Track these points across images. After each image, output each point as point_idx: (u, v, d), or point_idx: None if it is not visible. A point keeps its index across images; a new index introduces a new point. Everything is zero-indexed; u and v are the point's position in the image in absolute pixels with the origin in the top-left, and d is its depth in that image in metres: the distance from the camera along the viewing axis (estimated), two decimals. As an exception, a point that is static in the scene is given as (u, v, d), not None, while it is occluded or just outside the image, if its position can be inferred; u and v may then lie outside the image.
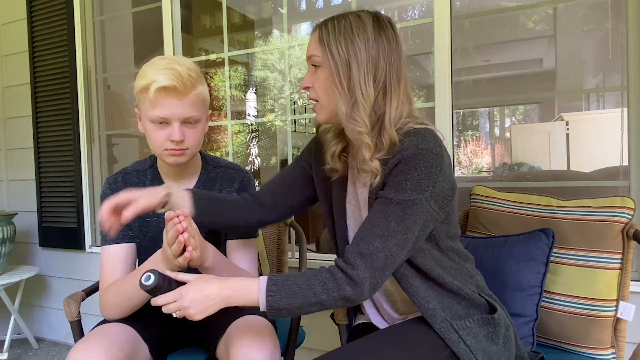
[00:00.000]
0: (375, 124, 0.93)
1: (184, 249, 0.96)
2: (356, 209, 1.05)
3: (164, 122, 1.08)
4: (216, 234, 1.23)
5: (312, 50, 0.95)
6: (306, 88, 0.98)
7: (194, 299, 0.84)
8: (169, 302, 0.86)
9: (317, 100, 0.97)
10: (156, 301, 0.87)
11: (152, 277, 0.85)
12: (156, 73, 1.04)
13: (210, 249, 1.05)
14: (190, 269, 1.04)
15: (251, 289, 0.86)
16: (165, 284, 0.87)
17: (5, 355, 2.39)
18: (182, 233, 0.93)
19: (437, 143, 0.89)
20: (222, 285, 0.86)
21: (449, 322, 0.93)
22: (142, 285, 0.86)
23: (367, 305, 1.13)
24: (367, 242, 0.87)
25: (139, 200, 0.96)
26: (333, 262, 0.92)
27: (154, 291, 0.87)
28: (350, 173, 1.06)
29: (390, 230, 0.87)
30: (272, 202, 1.13)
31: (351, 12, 0.95)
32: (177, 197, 1.02)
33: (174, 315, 0.87)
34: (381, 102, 0.93)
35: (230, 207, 1.11)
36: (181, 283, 0.88)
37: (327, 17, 0.98)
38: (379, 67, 0.91)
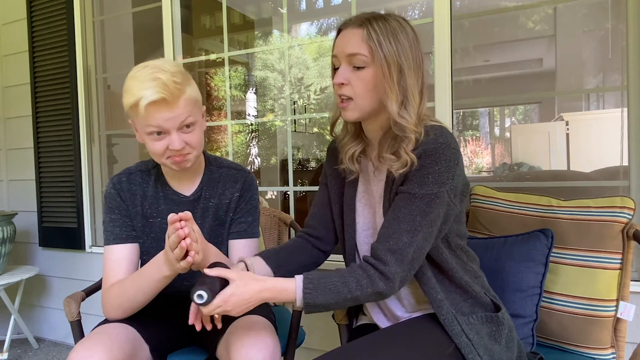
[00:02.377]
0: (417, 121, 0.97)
1: (186, 253, 0.96)
2: (366, 207, 1.08)
3: (161, 132, 1.07)
4: (218, 234, 1.23)
5: (355, 49, 0.94)
6: (341, 85, 0.97)
7: (236, 304, 0.88)
8: (216, 307, 0.87)
9: (350, 98, 0.97)
10: (206, 310, 0.88)
11: (205, 296, 0.86)
12: (142, 88, 1.01)
13: (213, 250, 1.05)
14: (192, 271, 1.04)
15: (288, 289, 0.89)
16: (212, 292, 0.88)
17: (5, 355, 2.39)
18: (184, 238, 0.93)
19: (453, 139, 0.94)
20: (261, 287, 0.89)
21: (453, 314, 0.95)
22: (195, 302, 0.87)
23: (371, 305, 1.14)
24: (396, 239, 0.90)
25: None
26: (333, 264, 0.93)
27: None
28: (362, 172, 1.09)
29: (417, 224, 0.90)
30: (325, 230, 1.18)
31: (389, 15, 0.97)
32: (250, 262, 1.05)
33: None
34: (419, 102, 0.96)
35: (294, 252, 1.15)
36: (224, 281, 0.90)
37: (361, 15, 0.98)
38: (420, 72, 0.96)
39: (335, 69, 1.01)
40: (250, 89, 7.04)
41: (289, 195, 2.13)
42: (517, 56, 6.04)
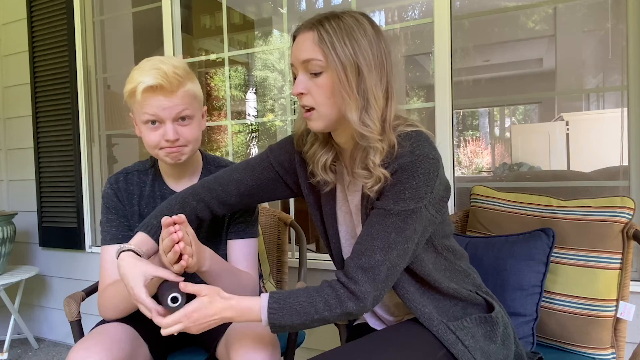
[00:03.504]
0: (382, 128, 0.89)
1: (180, 256, 0.95)
2: (347, 215, 1.03)
3: (157, 121, 1.07)
4: (216, 234, 1.23)
5: (309, 54, 0.87)
6: (300, 95, 0.90)
7: (198, 320, 0.85)
8: (176, 321, 0.85)
9: (312, 108, 0.90)
10: (162, 322, 0.86)
11: (180, 298, 0.86)
12: (142, 75, 1.04)
13: (207, 253, 1.04)
14: (187, 274, 1.03)
15: (253, 309, 0.86)
16: (185, 298, 0.88)
17: (5, 355, 2.39)
18: (177, 242, 0.91)
19: (432, 146, 0.87)
20: (225, 305, 0.86)
21: (445, 324, 0.92)
22: (169, 307, 0.86)
23: None
24: (368, 256, 0.86)
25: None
26: (333, 264, 0.91)
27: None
28: (339, 180, 1.03)
29: (391, 241, 0.85)
30: (237, 202, 1.09)
31: (344, 12, 0.89)
32: (135, 247, 0.97)
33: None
34: (384, 106, 0.89)
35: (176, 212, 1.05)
36: (190, 295, 0.88)
37: (314, 17, 0.90)
38: (383, 71, 0.88)
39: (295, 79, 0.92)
40: (250, 89, 7.04)
41: (289, 195, 2.13)
42: (517, 56, 6.04)
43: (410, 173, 0.84)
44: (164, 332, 0.86)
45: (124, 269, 0.91)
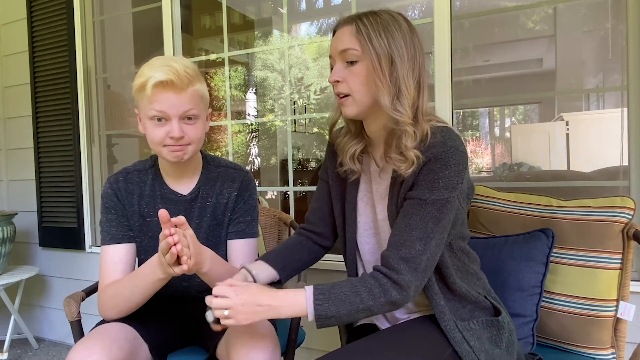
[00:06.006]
0: (414, 116, 0.94)
1: (178, 258, 0.95)
2: (368, 207, 1.07)
3: (163, 118, 1.08)
4: (216, 234, 1.23)
5: (347, 44, 0.94)
6: (336, 82, 0.97)
7: (246, 301, 0.86)
8: (223, 294, 0.86)
9: (347, 95, 0.97)
10: (210, 302, 0.88)
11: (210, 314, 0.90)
12: (153, 70, 1.05)
13: (207, 253, 1.04)
14: (186, 275, 1.04)
15: (299, 300, 0.87)
16: None
17: (5, 355, 2.39)
18: (175, 244, 0.92)
19: (461, 141, 0.92)
20: (273, 295, 0.88)
21: (454, 321, 0.94)
22: (209, 321, 0.91)
23: None
24: (408, 247, 0.88)
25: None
26: (333, 265, 0.92)
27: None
28: (364, 172, 1.08)
29: (429, 231, 0.89)
30: (325, 227, 1.17)
31: (382, 10, 0.96)
32: (252, 268, 1.05)
33: (221, 322, 0.87)
34: (416, 96, 0.94)
35: (295, 251, 1.15)
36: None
37: (354, 13, 0.98)
38: (416, 63, 0.94)
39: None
40: (250, 89, 7.04)
41: (289, 195, 2.13)
42: (517, 56, 6.04)
43: (444, 163, 0.89)
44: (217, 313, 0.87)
45: None
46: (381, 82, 0.91)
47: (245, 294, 0.86)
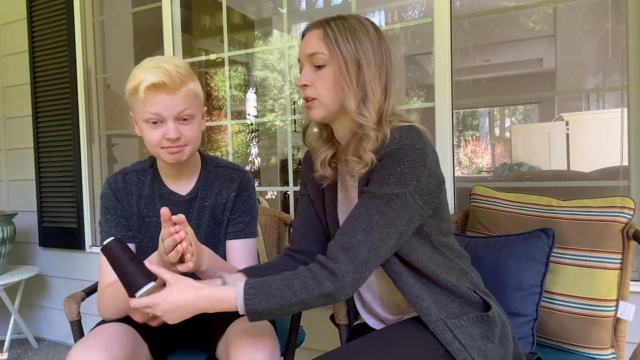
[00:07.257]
0: (378, 120, 0.95)
1: (182, 256, 0.95)
2: (346, 215, 1.03)
3: (158, 120, 1.07)
4: (215, 234, 1.23)
5: (314, 48, 0.95)
6: (304, 86, 0.98)
7: (168, 310, 0.84)
8: (144, 307, 0.85)
9: (314, 98, 0.97)
10: (132, 303, 0.86)
11: (110, 241, 0.89)
12: (145, 73, 1.04)
13: (206, 252, 1.04)
14: (186, 273, 1.03)
15: (228, 297, 0.85)
16: (129, 259, 0.87)
17: (5, 355, 2.39)
18: (180, 242, 0.92)
19: (421, 139, 0.90)
20: (197, 295, 0.85)
21: (443, 320, 0.93)
22: (101, 246, 0.89)
23: (361, 310, 1.14)
24: (350, 236, 0.87)
25: None
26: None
27: (112, 258, 0.88)
28: (340, 180, 1.07)
29: (373, 223, 0.87)
30: (311, 244, 1.13)
31: (350, 15, 0.97)
32: (231, 282, 1.00)
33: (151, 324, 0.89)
34: (382, 101, 0.95)
35: (278, 270, 1.08)
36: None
37: (322, 18, 0.98)
38: (383, 68, 0.96)
39: None
40: (250, 89, 7.04)
41: (289, 195, 2.14)
42: (517, 56, 6.04)
43: (396, 159, 0.88)
44: (136, 317, 0.88)
45: None
46: (348, 87, 0.92)
47: (164, 303, 0.84)
